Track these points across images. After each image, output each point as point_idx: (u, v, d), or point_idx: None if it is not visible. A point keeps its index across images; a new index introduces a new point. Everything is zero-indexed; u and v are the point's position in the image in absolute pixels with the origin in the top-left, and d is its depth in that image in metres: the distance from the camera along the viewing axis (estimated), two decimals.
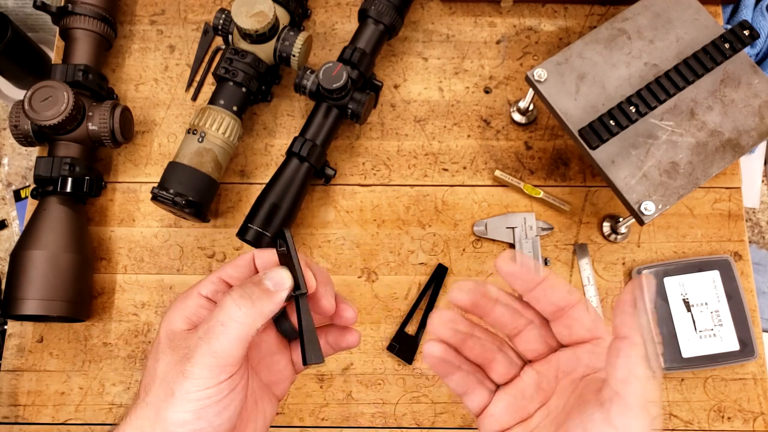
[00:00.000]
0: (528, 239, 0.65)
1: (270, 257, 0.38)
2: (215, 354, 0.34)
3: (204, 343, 0.34)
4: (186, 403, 0.34)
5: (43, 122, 0.59)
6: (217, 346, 0.34)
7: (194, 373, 0.34)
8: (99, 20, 0.66)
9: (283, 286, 0.36)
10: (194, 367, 0.34)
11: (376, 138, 0.69)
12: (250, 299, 0.35)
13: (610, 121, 0.54)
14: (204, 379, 0.34)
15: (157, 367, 0.35)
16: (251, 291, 0.35)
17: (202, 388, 0.34)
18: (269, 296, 0.35)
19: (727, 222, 0.66)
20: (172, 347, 0.36)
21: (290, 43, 0.63)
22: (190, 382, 0.34)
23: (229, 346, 0.34)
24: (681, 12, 0.61)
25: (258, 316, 0.35)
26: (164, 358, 0.35)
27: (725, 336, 0.61)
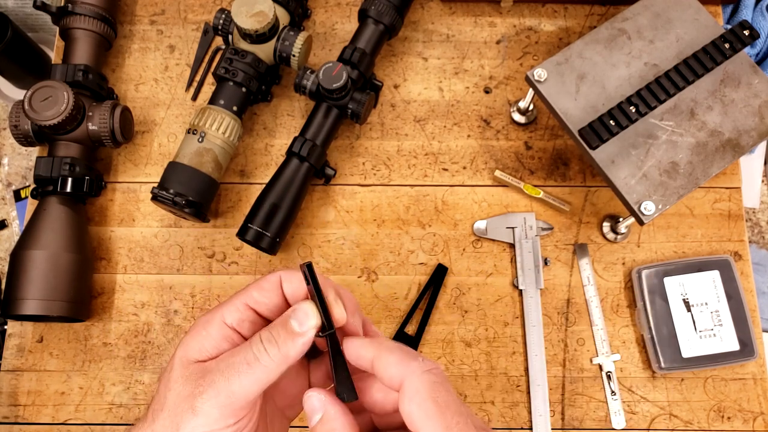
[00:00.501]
0: (528, 239, 0.65)
1: (298, 283, 0.35)
2: (232, 394, 0.32)
3: (223, 380, 0.32)
4: None
5: (43, 122, 0.59)
6: (236, 386, 0.32)
7: (204, 411, 0.32)
8: (99, 20, 0.66)
9: (308, 326, 0.33)
10: (205, 404, 0.32)
11: (376, 138, 0.69)
12: (276, 344, 0.33)
13: (610, 121, 0.54)
14: (213, 419, 0.32)
15: (168, 396, 0.33)
16: (278, 333, 0.33)
17: (209, 429, 0.32)
18: (294, 339, 0.33)
19: (727, 222, 0.66)
20: (184, 377, 0.33)
21: (290, 43, 0.63)
22: (197, 420, 0.32)
23: (249, 388, 0.32)
24: (681, 12, 0.61)
25: (283, 361, 0.33)
26: (175, 387, 0.33)
27: (725, 336, 0.61)
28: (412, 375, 0.31)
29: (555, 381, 0.62)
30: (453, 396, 0.32)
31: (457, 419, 0.31)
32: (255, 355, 0.32)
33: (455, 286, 0.65)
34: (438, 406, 0.31)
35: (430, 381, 0.31)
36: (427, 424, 0.30)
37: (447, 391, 0.31)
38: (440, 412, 0.31)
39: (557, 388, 0.62)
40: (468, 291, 0.65)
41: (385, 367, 0.32)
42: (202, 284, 0.65)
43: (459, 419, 0.31)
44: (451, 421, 0.30)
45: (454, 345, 0.63)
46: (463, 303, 0.64)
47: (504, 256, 0.65)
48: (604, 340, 0.63)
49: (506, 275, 0.65)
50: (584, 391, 0.62)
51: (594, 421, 0.61)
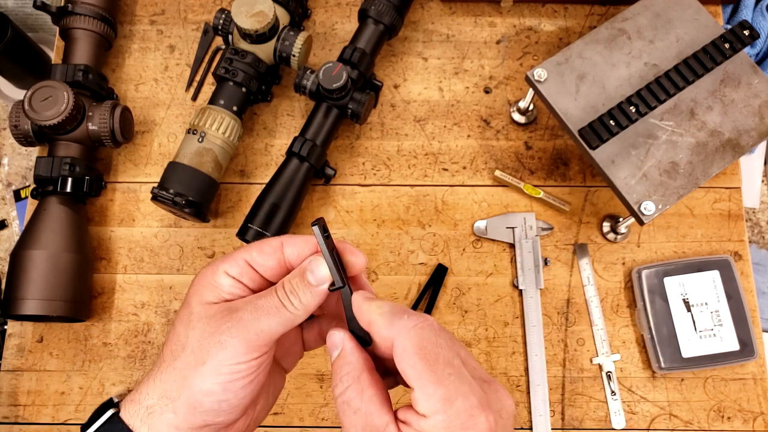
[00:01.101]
0: (528, 239, 0.65)
1: (302, 246, 0.38)
2: (260, 332, 0.35)
3: (252, 319, 0.35)
4: (216, 375, 0.34)
5: (43, 122, 0.59)
6: (264, 325, 0.35)
7: (231, 345, 0.34)
8: (99, 20, 0.66)
9: (322, 281, 0.36)
10: (234, 339, 0.34)
11: (376, 138, 0.69)
12: (297, 294, 0.36)
13: (610, 121, 0.54)
14: (239, 353, 0.34)
15: (190, 335, 0.35)
16: (296, 285, 0.36)
17: (234, 362, 0.34)
18: (312, 291, 0.36)
19: (727, 222, 0.66)
20: (208, 317, 0.36)
21: (290, 43, 0.63)
22: (224, 353, 0.34)
23: (275, 329, 0.35)
24: (681, 12, 0.61)
25: (304, 309, 0.36)
26: (199, 326, 0.35)
27: (725, 336, 0.61)
28: (399, 334, 0.33)
29: (555, 381, 0.62)
30: (444, 347, 0.32)
31: (448, 371, 0.31)
32: (281, 302, 0.35)
33: (455, 286, 0.65)
34: (426, 361, 0.31)
35: (417, 336, 0.32)
36: (419, 382, 0.31)
37: (435, 344, 0.32)
38: (429, 367, 0.31)
39: (557, 388, 0.62)
40: (468, 291, 0.65)
41: (377, 331, 0.34)
42: None
43: (450, 370, 0.31)
44: (442, 374, 0.31)
45: None
46: (463, 303, 0.64)
47: (504, 256, 0.65)
48: (604, 340, 0.63)
49: (506, 275, 0.65)
50: (584, 391, 0.62)
51: (594, 421, 0.61)
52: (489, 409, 0.31)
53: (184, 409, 0.35)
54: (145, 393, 0.36)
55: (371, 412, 0.33)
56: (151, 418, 0.35)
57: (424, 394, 0.31)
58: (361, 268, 0.38)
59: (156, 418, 0.35)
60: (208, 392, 0.34)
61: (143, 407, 0.35)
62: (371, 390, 0.34)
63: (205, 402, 0.35)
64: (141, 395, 0.36)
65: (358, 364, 0.35)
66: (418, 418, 0.32)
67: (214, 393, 0.34)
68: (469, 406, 0.31)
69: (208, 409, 0.35)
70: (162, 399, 0.35)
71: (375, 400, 0.33)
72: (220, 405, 0.35)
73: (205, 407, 0.35)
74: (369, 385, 0.34)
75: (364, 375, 0.34)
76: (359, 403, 0.33)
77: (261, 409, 0.40)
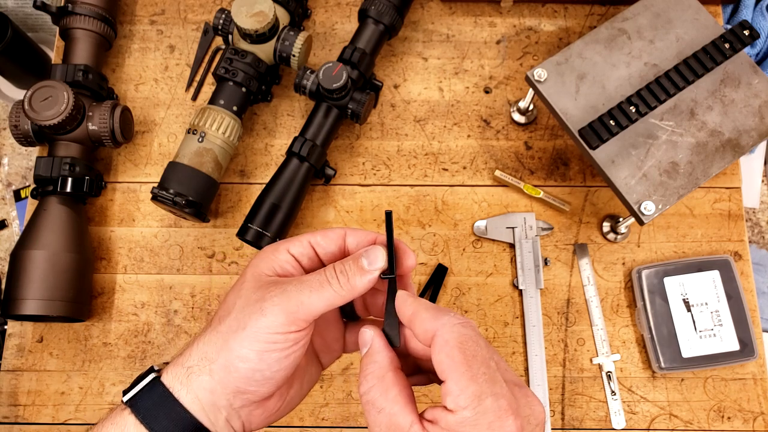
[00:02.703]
0: (528, 239, 0.65)
1: (363, 237, 0.39)
2: (300, 303, 0.35)
3: (296, 291, 0.35)
4: (254, 342, 0.35)
5: (43, 122, 0.59)
6: (305, 297, 0.35)
7: (272, 312, 0.35)
8: (99, 20, 0.66)
9: (375, 266, 0.37)
10: (275, 307, 0.35)
11: (376, 138, 0.69)
12: (347, 275, 0.36)
13: (610, 121, 0.54)
14: (278, 323, 0.35)
15: (237, 302, 0.36)
16: (349, 267, 0.37)
17: (272, 332, 0.35)
18: (362, 275, 0.36)
19: (727, 222, 0.66)
20: (256, 286, 0.37)
21: (290, 43, 0.63)
22: (265, 320, 0.35)
23: (316, 304, 0.35)
24: (681, 12, 0.61)
25: (349, 290, 0.36)
26: (246, 294, 0.36)
27: (725, 336, 0.61)
28: (443, 327, 0.34)
29: (555, 381, 0.62)
30: (482, 348, 0.33)
31: (483, 370, 0.32)
32: (327, 279, 0.36)
33: (455, 286, 0.65)
34: (465, 355, 0.32)
35: (459, 332, 0.33)
36: (454, 372, 0.32)
37: (476, 343, 0.33)
38: (466, 361, 0.32)
39: (557, 388, 0.62)
40: (468, 291, 0.65)
41: (421, 322, 0.35)
42: (202, 284, 0.65)
43: (485, 370, 0.32)
44: (477, 371, 0.32)
45: None
46: (463, 303, 0.64)
47: (504, 256, 0.65)
48: (604, 340, 0.63)
49: (506, 275, 0.65)
50: (584, 391, 0.62)
51: (594, 421, 0.61)
52: (517, 414, 0.32)
53: (221, 372, 0.36)
54: (188, 356, 0.37)
55: (395, 411, 0.34)
56: (190, 380, 0.36)
57: (456, 387, 0.32)
58: (411, 267, 0.39)
59: (194, 380, 0.36)
60: (245, 358, 0.35)
61: (184, 369, 0.36)
62: (395, 389, 0.34)
63: (240, 368, 0.35)
64: (184, 358, 0.37)
65: (384, 363, 0.35)
66: (446, 414, 0.32)
67: (250, 360, 0.35)
68: (497, 407, 0.31)
69: (242, 375, 0.35)
70: (202, 360, 0.36)
71: (399, 400, 0.34)
72: (254, 374, 0.35)
73: (240, 373, 0.35)
74: (393, 384, 0.34)
75: (389, 374, 0.35)
76: (383, 402, 0.34)
77: (295, 395, 0.41)
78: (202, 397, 0.36)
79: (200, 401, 0.36)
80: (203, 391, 0.36)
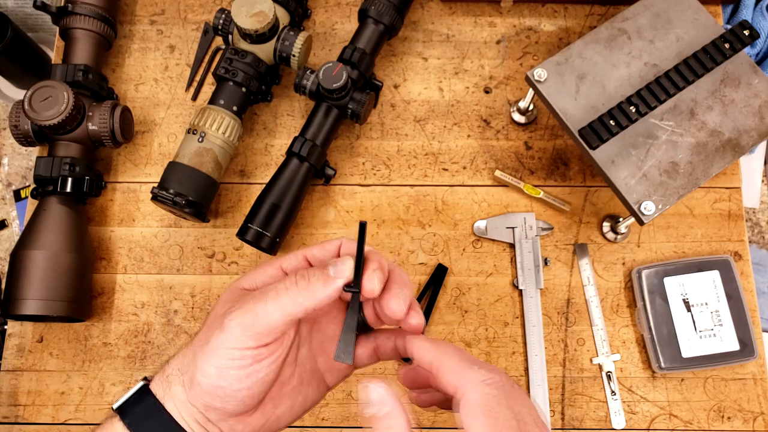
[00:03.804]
0: (528, 239, 0.65)
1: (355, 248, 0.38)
2: (255, 315, 0.34)
3: (252, 303, 0.34)
4: (213, 357, 0.34)
5: (43, 122, 0.59)
6: (260, 309, 0.34)
7: (229, 328, 0.34)
8: (99, 20, 0.66)
9: (341, 275, 0.35)
10: (232, 321, 0.34)
11: (376, 138, 0.69)
12: (307, 279, 0.35)
13: (610, 121, 0.54)
14: (235, 337, 0.34)
15: (210, 314, 0.36)
16: (312, 272, 0.35)
17: (230, 347, 0.34)
18: (325, 282, 0.35)
19: (727, 222, 0.66)
20: (227, 299, 0.37)
21: (290, 43, 0.63)
22: (223, 335, 0.34)
23: (272, 315, 0.34)
24: (681, 12, 0.61)
25: (308, 297, 0.34)
26: (217, 307, 0.36)
27: (725, 336, 0.61)
28: (468, 384, 0.33)
29: (555, 381, 0.62)
30: (506, 408, 0.32)
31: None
32: (285, 286, 0.35)
33: (455, 286, 0.65)
34: (489, 418, 0.31)
35: (484, 393, 0.32)
36: None
37: (499, 404, 0.32)
38: (490, 425, 0.31)
39: (557, 388, 0.62)
40: (468, 291, 0.65)
41: (444, 374, 0.34)
42: (202, 284, 0.65)
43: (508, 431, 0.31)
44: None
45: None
46: (463, 303, 0.64)
47: (504, 256, 0.65)
48: (604, 340, 0.63)
49: (506, 275, 0.65)
50: (584, 391, 0.62)
51: (594, 421, 0.61)
52: None
53: (189, 385, 0.35)
54: (169, 365, 0.37)
55: None
56: (171, 390, 0.36)
57: None
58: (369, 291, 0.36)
59: (173, 390, 0.36)
60: (206, 374, 0.34)
61: (165, 377, 0.36)
62: None
63: (202, 383, 0.35)
64: (167, 367, 0.37)
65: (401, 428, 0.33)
66: None
67: (210, 376, 0.34)
68: None
69: (205, 390, 0.35)
70: (177, 372, 0.36)
71: None
72: (215, 390, 0.35)
73: (202, 388, 0.35)
74: None
75: None
76: None
77: (284, 414, 0.39)
78: (180, 408, 0.36)
79: (180, 412, 0.36)
80: (180, 402, 0.36)
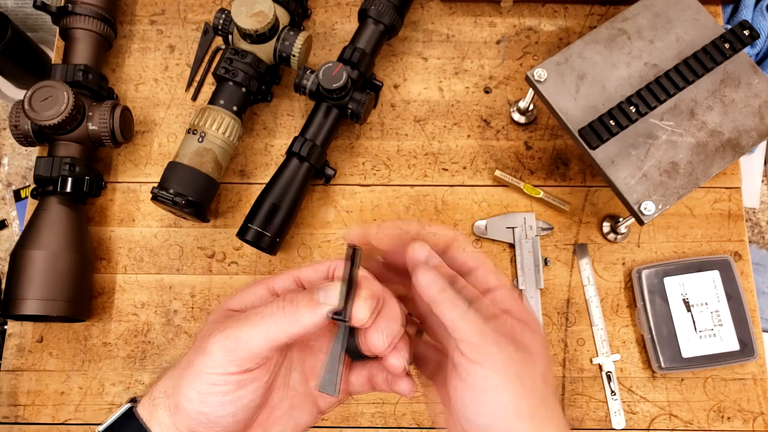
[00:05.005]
0: (528, 239, 0.65)
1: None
2: (238, 340, 0.33)
3: (236, 327, 0.33)
4: (195, 381, 0.33)
5: (43, 122, 0.59)
6: (244, 334, 0.33)
7: (211, 352, 0.33)
8: (99, 20, 0.66)
9: (329, 302, 0.33)
10: (214, 345, 0.33)
11: (376, 138, 0.69)
12: (294, 305, 0.33)
13: (610, 121, 0.54)
14: (217, 362, 0.33)
15: (198, 335, 0.35)
16: (300, 297, 0.34)
17: (212, 372, 0.33)
18: (312, 308, 0.33)
19: (727, 222, 0.66)
20: (213, 321, 0.35)
21: (290, 43, 0.63)
22: (205, 359, 0.33)
23: (256, 340, 0.33)
24: (681, 12, 0.61)
25: (294, 323, 0.33)
26: (204, 328, 0.35)
27: (725, 336, 0.61)
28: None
29: (555, 381, 0.62)
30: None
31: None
32: (271, 311, 0.33)
33: None
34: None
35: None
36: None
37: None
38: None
39: (557, 388, 0.62)
40: None
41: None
42: (202, 284, 0.65)
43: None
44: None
45: None
46: None
47: (504, 256, 0.65)
48: (604, 340, 0.63)
49: (506, 275, 0.65)
50: (584, 391, 0.62)
51: (594, 421, 0.61)
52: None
53: (174, 410, 0.34)
54: (156, 387, 0.36)
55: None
56: (156, 413, 0.35)
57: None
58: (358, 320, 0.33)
59: (158, 413, 0.35)
60: (189, 399, 0.33)
61: (151, 400, 0.35)
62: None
63: (186, 408, 0.34)
64: (154, 389, 0.36)
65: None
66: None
67: (193, 401, 0.33)
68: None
69: (188, 416, 0.34)
70: (162, 395, 0.35)
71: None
72: (198, 416, 0.33)
73: (186, 413, 0.34)
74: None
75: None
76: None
77: None
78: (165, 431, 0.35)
79: None
80: (166, 426, 0.34)
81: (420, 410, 0.62)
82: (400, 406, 0.62)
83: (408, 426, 0.62)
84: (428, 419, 0.62)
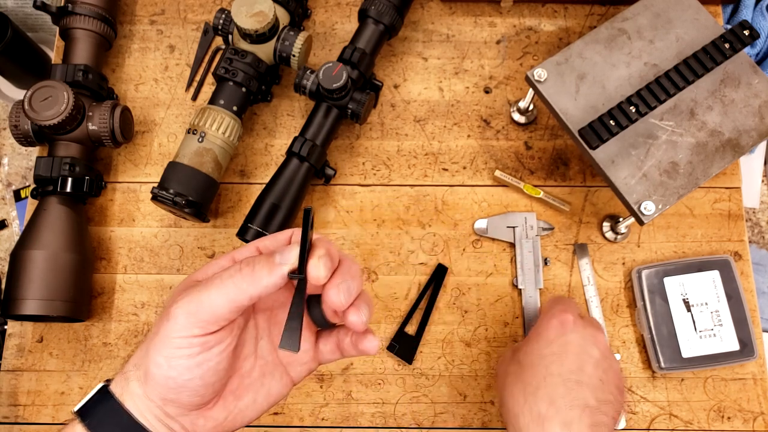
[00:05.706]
0: (528, 239, 0.65)
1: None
2: (200, 303, 0.34)
3: (197, 291, 0.35)
4: (162, 347, 0.34)
5: (43, 122, 0.59)
6: (204, 296, 0.34)
7: (175, 316, 0.34)
8: (99, 20, 0.66)
9: (286, 262, 0.34)
10: (177, 309, 0.34)
11: (376, 138, 0.69)
12: (252, 266, 0.35)
13: (610, 121, 0.54)
14: (181, 325, 0.34)
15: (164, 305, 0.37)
16: (258, 260, 0.35)
17: (176, 336, 0.34)
18: (270, 268, 0.34)
19: (727, 222, 0.66)
20: (177, 291, 0.37)
21: (290, 43, 0.63)
22: (169, 324, 0.34)
23: (217, 302, 0.34)
24: (681, 12, 0.61)
25: (253, 283, 0.34)
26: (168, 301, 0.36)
27: (725, 336, 0.61)
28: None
29: None
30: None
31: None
32: (230, 274, 0.35)
33: (455, 286, 0.65)
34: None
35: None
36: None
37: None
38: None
39: None
40: (468, 291, 0.65)
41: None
42: None
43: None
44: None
45: (453, 345, 0.63)
46: (463, 303, 0.64)
47: (504, 255, 0.65)
48: None
49: (506, 275, 0.65)
50: None
51: None
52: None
53: (144, 379, 0.35)
54: (128, 363, 0.37)
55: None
56: (129, 387, 0.36)
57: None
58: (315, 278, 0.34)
59: (131, 387, 0.36)
60: (157, 364, 0.34)
61: (124, 375, 0.36)
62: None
63: (155, 374, 0.35)
64: (126, 365, 0.37)
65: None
66: None
67: (161, 366, 0.34)
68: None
69: (158, 383, 0.35)
70: (134, 368, 0.36)
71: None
72: (167, 381, 0.34)
73: (156, 380, 0.35)
74: None
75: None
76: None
77: (246, 407, 0.39)
78: (139, 404, 0.35)
79: (139, 408, 0.35)
80: (138, 397, 0.35)
81: (420, 410, 0.62)
82: (400, 406, 0.62)
83: (408, 426, 0.62)
84: (428, 419, 0.62)
